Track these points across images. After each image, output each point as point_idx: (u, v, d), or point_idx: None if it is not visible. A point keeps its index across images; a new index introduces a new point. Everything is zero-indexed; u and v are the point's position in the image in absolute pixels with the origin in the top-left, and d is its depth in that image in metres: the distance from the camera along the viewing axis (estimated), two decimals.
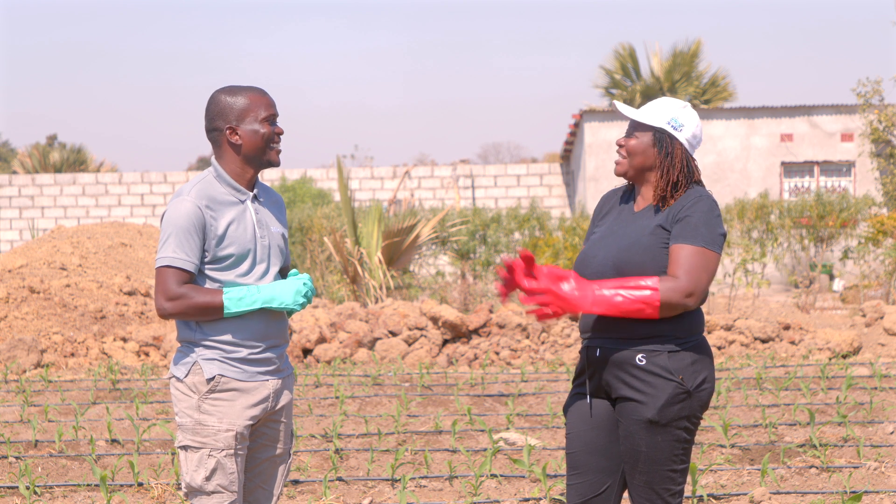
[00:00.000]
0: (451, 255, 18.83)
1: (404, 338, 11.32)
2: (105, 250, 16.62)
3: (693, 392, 3.72)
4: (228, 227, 3.77)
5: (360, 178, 26.89)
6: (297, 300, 3.77)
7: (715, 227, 3.73)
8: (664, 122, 3.83)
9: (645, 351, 3.72)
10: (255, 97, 3.81)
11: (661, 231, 3.75)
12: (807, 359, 11.07)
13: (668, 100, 3.90)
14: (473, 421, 7.93)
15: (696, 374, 3.73)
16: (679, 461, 3.76)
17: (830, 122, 23.64)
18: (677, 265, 3.69)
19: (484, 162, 48.10)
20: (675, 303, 3.65)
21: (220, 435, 3.75)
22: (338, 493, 6.31)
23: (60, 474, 6.88)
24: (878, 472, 6.36)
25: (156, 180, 27.24)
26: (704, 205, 3.75)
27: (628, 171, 3.87)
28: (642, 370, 3.71)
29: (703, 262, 3.69)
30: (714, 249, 3.71)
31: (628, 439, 3.76)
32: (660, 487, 3.76)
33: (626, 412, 3.75)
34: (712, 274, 3.72)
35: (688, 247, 3.70)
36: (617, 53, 29.38)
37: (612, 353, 3.77)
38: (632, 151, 3.85)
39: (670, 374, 3.70)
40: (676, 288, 3.65)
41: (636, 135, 3.85)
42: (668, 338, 3.72)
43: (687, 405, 3.72)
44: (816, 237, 19.06)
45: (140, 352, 11.68)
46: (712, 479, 6.46)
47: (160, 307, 3.72)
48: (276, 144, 3.85)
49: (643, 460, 3.74)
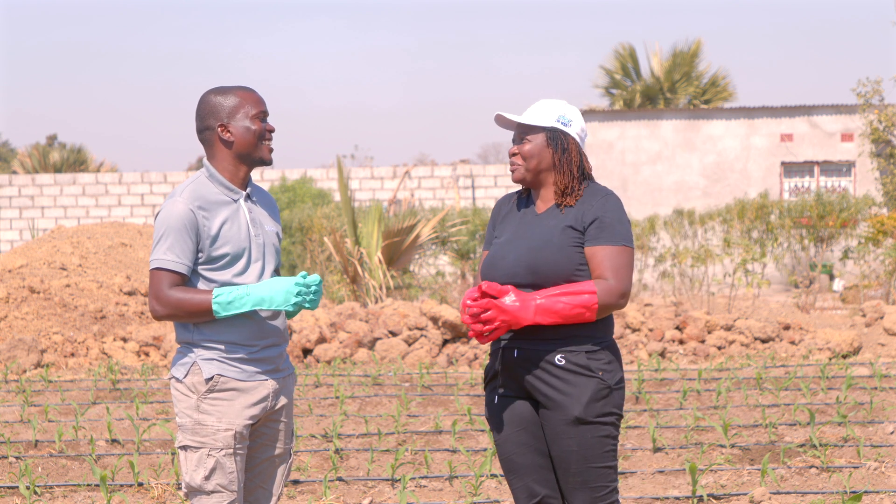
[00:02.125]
0: (451, 255, 18.83)
1: (404, 338, 11.32)
2: (105, 250, 16.62)
3: (613, 388, 3.77)
4: (222, 227, 3.76)
5: (360, 178, 26.89)
6: (289, 300, 3.69)
7: (626, 223, 3.80)
8: (554, 121, 3.85)
9: (563, 351, 3.74)
10: (244, 95, 3.82)
11: (571, 231, 3.78)
12: (807, 359, 11.07)
13: (548, 101, 3.92)
14: (473, 421, 7.93)
15: (613, 373, 3.78)
16: (611, 457, 3.79)
17: (830, 122, 23.64)
18: (603, 267, 3.73)
19: (484, 162, 48.09)
20: (612, 304, 3.72)
21: (219, 434, 3.75)
22: (338, 493, 6.31)
23: (60, 474, 6.88)
24: (879, 472, 6.36)
25: (156, 180, 27.25)
26: (613, 203, 3.81)
27: (526, 176, 3.88)
28: (562, 369, 3.74)
29: (627, 261, 3.76)
30: (631, 245, 3.79)
31: (557, 442, 3.77)
32: (596, 485, 3.77)
33: (551, 415, 3.77)
34: (633, 270, 3.79)
35: (609, 247, 3.74)
36: (617, 53, 29.38)
37: (531, 353, 3.77)
38: (528, 155, 3.86)
39: (591, 371, 3.74)
40: (611, 290, 3.70)
41: (528, 139, 3.86)
42: (585, 338, 3.76)
43: (610, 400, 3.77)
44: (816, 237, 19.06)
45: (140, 352, 11.68)
46: (712, 479, 6.46)
47: (152, 309, 3.74)
48: (268, 141, 3.85)
49: (576, 460, 3.75)
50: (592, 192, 3.84)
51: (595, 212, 3.77)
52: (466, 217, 19.05)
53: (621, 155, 23.80)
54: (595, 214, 3.77)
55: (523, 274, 3.77)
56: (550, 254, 3.76)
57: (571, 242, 3.77)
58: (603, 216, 3.76)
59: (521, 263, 3.79)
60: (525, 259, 3.78)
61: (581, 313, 3.68)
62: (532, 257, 3.77)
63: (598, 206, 3.78)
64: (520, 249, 3.82)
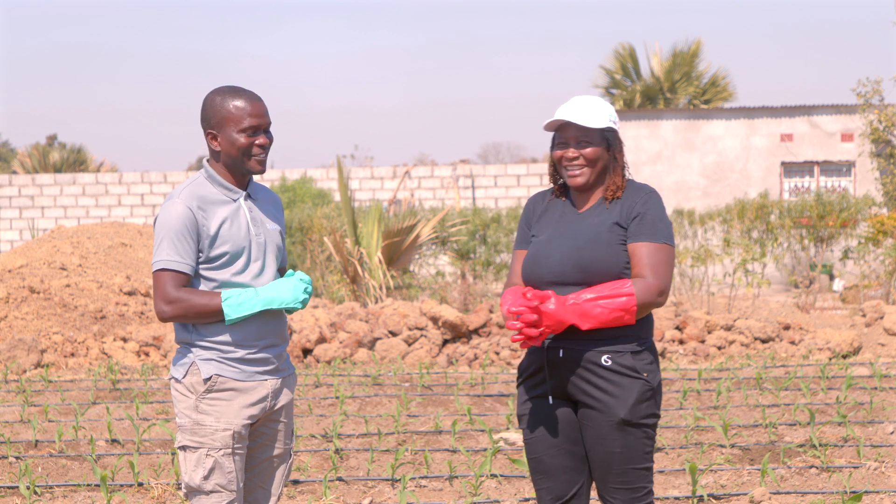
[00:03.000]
0: (451, 255, 18.82)
1: (404, 338, 11.32)
2: (105, 250, 16.62)
3: (656, 389, 3.77)
4: (221, 226, 3.76)
5: (360, 178, 26.89)
6: (298, 297, 3.74)
7: (667, 221, 3.79)
8: (608, 121, 3.81)
9: (610, 352, 3.72)
10: (241, 106, 3.76)
11: (617, 228, 3.76)
12: (807, 359, 11.07)
13: (592, 97, 3.85)
14: (473, 421, 7.93)
15: (655, 374, 3.78)
16: (649, 458, 3.79)
17: (830, 122, 23.63)
18: (642, 264, 3.71)
19: (484, 162, 48.10)
20: (650, 303, 3.70)
21: (217, 434, 3.75)
22: (338, 493, 6.31)
23: (60, 474, 6.88)
24: (878, 472, 6.36)
25: (156, 180, 27.24)
26: (656, 201, 3.79)
27: (590, 179, 3.82)
28: (609, 370, 3.72)
29: (666, 259, 3.73)
30: (672, 244, 3.77)
31: (599, 443, 3.75)
32: (636, 486, 3.77)
33: (595, 416, 3.74)
34: (673, 269, 3.77)
35: (649, 244, 3.73)
36: (617, 53, 29.38)
37: (576, 354, 3.75)
38: (591, 158, 3.80)
39: (636, 372, 3.72)
40: (649, 288, 3.68)
41: (587, 141, 3.80)
42: (630, 338, 3.74)
43: (653, 402, 3.76)
44: (816, 237, 19.05)
45: (140, 352, 11.68)
46: (712, 479, 6.45)
47: (159, 310, 3.72)
48: (257, 156, 3.80)
49: (618, 461, 3.74)
50: (635, 189, 3.82)
51: (638, 208, 3.76)
52: (466, 217, 19.05)
53: None
54: (637, 211, 3.75)
55: (571, 272, 3.75)
56: (598, 251, 3.73)
57: (619, 240, 3.75)
58: (645, 213, 3.75)
59: (567, 262, 3.76)
60: (572, 257, 3.75)
61: (620, 317, 3.67)
62: (579, 255, 3.74)
63: (641, 203, 3.77)
64: (564, 248, 3.78)
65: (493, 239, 19.07)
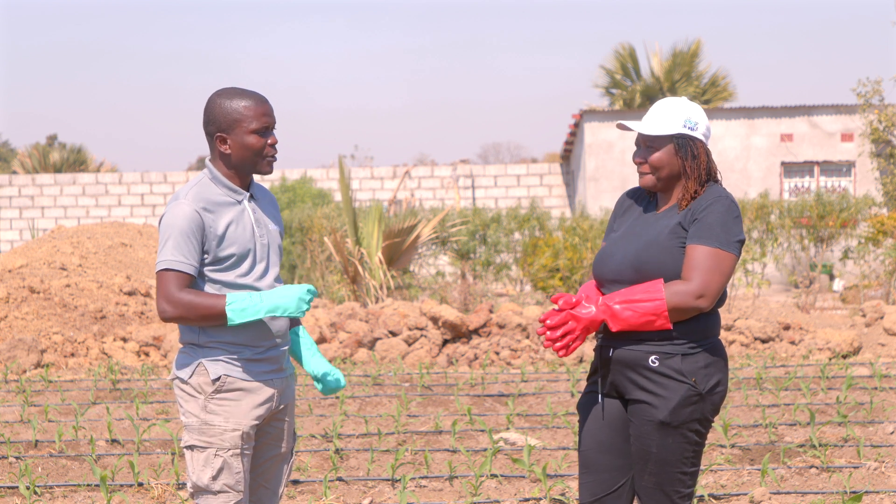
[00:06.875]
0: (452, 255, 18.83)
1: (404, 338, 11.32)
2: (105, 250, 16.62)
3: (705, 395, 3.70)
4: (228, 228, 3.75)
5: (360, 178, 26.89)
6: (301, 307, 3.72)
7: (731, 228, 3.68)
8: (681, 126, 3.75)
9: (658, 353, 3.68)
10: (249, 107, 3.74)
11: (679, 229, 3.72)
12: (807, 359, 11.07)
13: (672, 101, 3.81)
14: (473, 421, 7.93)
15: (709, 377, 3.70)
16: (689, 463, 3.74)
17: (830, 122, 23.64)
18: (688, 267, 3.66)
19: (484, 162, 48.09)
20: (685, 306, 3.62)
21: (226, 435, 3.75)
22: (338, 493, 6.31)
23: (60, 474, 6.88)
24: (879, 472, 6.36)
25: (156, 180, 27.25)
26: (722, 205, 3.70)
27: (657, 184, 3.80)
28: (654, 372, 3.69)
29: (717, 264, 3.64)
30: (729, 251, 3.66)
31: (639, 440, 3.74)
32: (669, 489, 3.74)
33: (637, 413, 3.74)
34: (726, 275, 3.66)
35: (702, 247, 3.66)
36: (617, 53, 29.38)
37: (625, 353, 3.74)
38: (657, 164, 3.77)
39: (683, 376, 3.67)
40: (686, 291, 3.62)
41: (654, 146, 3.77)
42: (682, 340, 3.68)
43: (699, 408, 3.70)
44: (816, 237, 19.06)
45: (140, 352, 11.68)
46: (712, 479, 6.46)
47: (162, 311, 3.70)
48: (269, 156, 3.79)
49: (653, 461, 3.72)
50: (709, 194, 3.75)
51: (701, 211, 3.70)
52: (466, 217, 19.06)
53: (621, 155, 23.79)
54: (698, 215, 3.70)
55: (629, 273, 3.74)
56: (655, 254, 3.70)
57: (679, 243, 3.71)
58: (705, 217, 3.68)
59: (626, 262, 3.75)
60: (631, 258, 3.74)
61: (651, 321, 3.62)
62: (637, 256, 3.73)
63: (706, 207, 3.70)
64: (628, 248, 3.77)
65: (493, 239, 19.08)
